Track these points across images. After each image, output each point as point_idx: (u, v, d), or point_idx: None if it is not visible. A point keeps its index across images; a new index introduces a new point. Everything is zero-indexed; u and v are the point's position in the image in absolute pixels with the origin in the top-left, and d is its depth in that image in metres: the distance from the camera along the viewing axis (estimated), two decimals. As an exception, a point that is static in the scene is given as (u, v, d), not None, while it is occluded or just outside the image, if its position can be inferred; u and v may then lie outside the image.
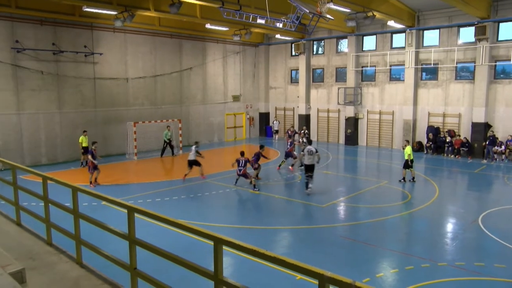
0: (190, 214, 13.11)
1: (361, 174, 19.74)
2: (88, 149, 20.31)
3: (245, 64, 32.11)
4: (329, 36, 28.80)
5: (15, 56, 19.80)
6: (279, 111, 33.03)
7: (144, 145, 24.08)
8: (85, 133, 20.64)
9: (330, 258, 9.68)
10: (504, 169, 20.17)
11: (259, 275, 8.49)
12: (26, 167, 8.23)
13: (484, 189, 17.05)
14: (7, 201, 7.79)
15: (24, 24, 19.96)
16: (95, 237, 6.20)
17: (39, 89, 20.78)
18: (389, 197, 15.49)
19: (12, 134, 20.02)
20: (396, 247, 10.36)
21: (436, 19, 23.87)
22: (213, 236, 3.83)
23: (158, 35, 25.73)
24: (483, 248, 10.46)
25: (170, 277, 6.96)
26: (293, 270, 3.19)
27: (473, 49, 22.70)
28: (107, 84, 23.53)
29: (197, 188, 16.21)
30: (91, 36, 22.53)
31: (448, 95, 24.07)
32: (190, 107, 28.23)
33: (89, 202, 13.14)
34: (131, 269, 4.88)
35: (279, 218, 12.89)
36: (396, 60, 25.94)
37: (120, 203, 5.01)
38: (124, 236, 4.96)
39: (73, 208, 5.77)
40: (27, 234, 6.88)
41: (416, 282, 8.24)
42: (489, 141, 21.73)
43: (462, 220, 12.59)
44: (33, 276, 5.20)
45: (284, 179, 18.25)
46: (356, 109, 27.90)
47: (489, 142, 21.71)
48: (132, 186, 16.77)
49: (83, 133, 20.68)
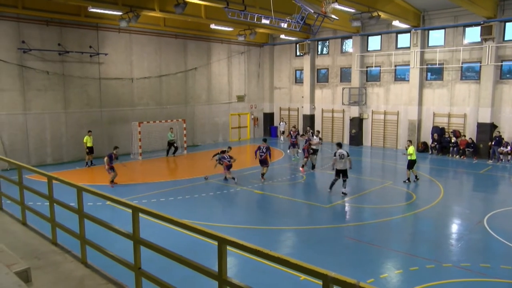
0: (195, 214, 13.13)
1: (365, 175, 19.68)
2: (92, 149, 20.45)
3: (249, 64, 32.12)
4: (334, 36, 28.74)
5: (22, 57, 19.93)
6: (283, 111, 33.01)
7: (149, 145, 24.17)
8: (89, 133, 20.73)
9: (334, 259, 9.66)
10: (510, 169, 20.02)
11: (263, 275, 8.49)
12: (32, 167, 8.28)
13: (489, 190, 16.95)
14: (13, 200, 7.84)
15: (30, 24, 20.09)
16: (100, 237, 6.23)
17: (45, 89, 20.90)
18: (394, 197, 15.44)
19: (18, 134, 20.16)
20: (401, 248, 10.32)
21: (441, 19, 23.75)
22: (217, 236, 3.83)
23: (163, 36, 25.80)
24: (488, 249, 10.39)
25: (174, 277, 6.98)
26: (297, 270, 3.19)
27: (479, 49, 22.56)
28: (112, 84, 23.63)
29: (202, 188, 16.23)
30: (96, 36, 22.63)
31: (453, 95, 23.94)
32: (195, 107, 28.28)
33: (94, 202, 13.19)
34: (136, 269, 4.90)
35: (283, 218, 12.88)
36: (401, 60, 25.83)
37: (125, 203, 5.03)
38: (129, 236, 4.97)
39: (78, 208, 5.80)
40: (33, 234, 6.93)
41: (421, 283, 8.20)
42: (495, 141, 21.60)
43: (467, 221, 12.51)
44: (38, 275, 5.23)
45: (288, 179, 18.23)
46: (361, 109, 27.82)
47: (495, 143, 21.58)
48: (136, 186, 16.82)
49: (87, 133, 20.77)
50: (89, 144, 20.39)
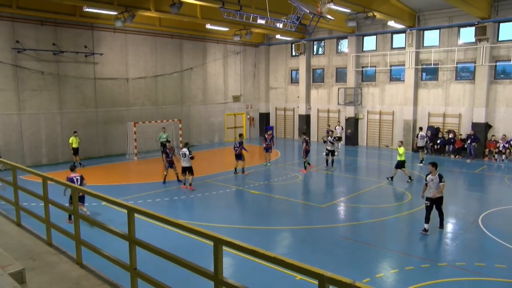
0: (190, 214, 13.12)
1: (361, 174, 19.73)
2: (78, 150, 20.07)
3: (245, 65, 32.12)
4: (330, 36, 28.80)
5: (16, 56, 19.82)
6: (279, 111, 33.02)
7: (145, 146, 24.11)
8: (75, 133, 20.32)
9: (330, 258, 9.67)
10: (504, 169, 20.15)
11: (259, 275, 8.49)
12: (27, 167, 8.23)
13: (484, 189, 17.04)
14: (7, 201, 7.79)
15: (24, 24, 19.98)
16: (95, 237, 6.21)
17: (39, 89, 20.79)
18: (390, 197, 15.50)
19: (13, 134, 20.04)
20: (396, 247, 10.36)
21: (436, 19, 23.86)
22: (213, 237, 3.83)
23: (158, 35, 25.74)
24: (483, 249, 10.44)
25: (170, 277, 6.96)
26: (293, 270, 3.19)
27: (473, 49, 22.68)
28: (107, 84, 23.55)
29: (197, 189, 16.20)
30: (91, 36, 22.54)
31: (448, 96, 24.06)
32: (190, 107, 28.24)
33: (89, 203, 13.13)
34: (131, 269, 4.88)
35: (279, 218, 12.89)
36: (397, 60, 25.93)
37: (120, 203, 5.02)
38: (124, 236, 4.96)
39: (73, 208, 5.77)
40: (27, 235, 6.89)
41: (416, 283, 8.23)
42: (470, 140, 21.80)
43: (463, 221, 12.58)
44: (33, 277, 5.20)
45: (284, 179, 18.25)
46: (356, 109, 27.89)
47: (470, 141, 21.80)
48: (132, 186, 16.76)
49: (73, 133, 20.33)
50: (75, 145, 19.93)
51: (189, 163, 15.67)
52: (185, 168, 15.81)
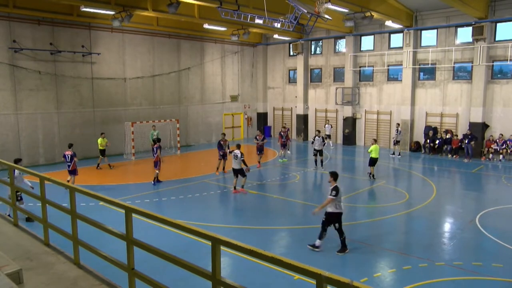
0: (188, 214, 13.10)
1: (358, 174, 19.76)
2: (104, 151, 20.11)
3: (243, 64, 32.10)
4: (327, 36, 28.82)
5: (13, 56, 19.75)
6: (277, 111, 33.03)
7: (142, 145, 24.07)
8: (102, 135, 20.41)
9: (328, 258, 9.68)
10: (502, 168, 20.22)
11: (257, 275, 8.49)
12: (24, 167, 8.21)
13: (481, 189, 17.09)
14: (4, 201, 7.77)
15: (21, 24, 19.91)
16: (93, 237, 6.19)
17: (37, 89, 20.73)
18: (387, 197, 15.52)
19: (10, 134, 19.97)
20: (394, 247, 10.38)
21: (434, 19, 23.92)
22: (211, 236, 3.83)
23: (156, 35, 25.70)
24: (480, 248, 10.48)
25: (168, 277, 6.96)
26: (291, 270, 3.19)
27: (470, 49, 22.75)
28: (105, 84, 23.49)
29: (195, 188, 16.19)
30: (89, 36, 22.48)
31: (445, 95, 24.12)
32: (188, 107, 28.21)
33: (86, 203, 13.11)
34: (129, 269, 4.88)
35: (277, 218, 12.89)
36: (394, 60, 25.97)
37: (118, 204, 5.01)
38: (122, 236, 4.95)
39: (71, 208, 5.76)
40: (24, 235, 6.87)
41: (414, 282, 8.25)
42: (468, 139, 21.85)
43: (460, 220, 12.61)
44: (31, 277, 5.19)
45: (282, 179, 18.25)
46: (354, 109, 27.93)
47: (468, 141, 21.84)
48: (129, 186, 16.74)
49: (100, 135, 20.48)
50: (101, 147, 20.02)
51: (239, 165, 15.16)
52: (236, 171, 15.33)
